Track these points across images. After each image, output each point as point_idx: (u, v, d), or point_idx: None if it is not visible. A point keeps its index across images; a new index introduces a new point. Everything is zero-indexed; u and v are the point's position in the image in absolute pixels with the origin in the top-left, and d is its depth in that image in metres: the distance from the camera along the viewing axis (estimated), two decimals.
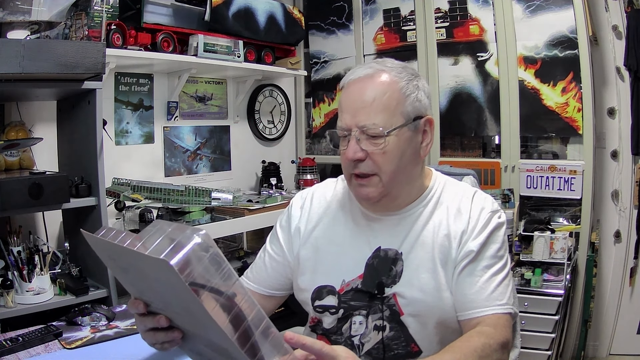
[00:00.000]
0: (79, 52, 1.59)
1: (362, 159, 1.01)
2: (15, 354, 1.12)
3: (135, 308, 0.85)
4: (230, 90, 2.86)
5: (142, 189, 2.08)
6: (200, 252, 0.68)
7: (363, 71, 1.04)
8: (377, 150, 1.00)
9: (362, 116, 1.00)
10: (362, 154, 1.01)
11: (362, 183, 1.03)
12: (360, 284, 1.07)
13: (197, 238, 0.68)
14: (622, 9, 2.52)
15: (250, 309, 0.72)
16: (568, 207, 2.58)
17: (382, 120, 1.00)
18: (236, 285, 0.71)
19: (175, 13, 2.28)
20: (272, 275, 1.19)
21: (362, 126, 1.00)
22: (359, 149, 1.01)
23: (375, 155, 1.01)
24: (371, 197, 1.04)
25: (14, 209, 1.58)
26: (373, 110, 1.00)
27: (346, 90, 1.05)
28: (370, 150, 1.00)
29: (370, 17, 3.00)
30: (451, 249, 1.03)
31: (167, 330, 0.84)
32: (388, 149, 1.00)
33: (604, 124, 2.62)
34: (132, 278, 0.84)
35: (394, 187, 1.04)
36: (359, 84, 1.03)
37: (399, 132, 1.01)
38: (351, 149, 1.01)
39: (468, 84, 2.71)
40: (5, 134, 1.88)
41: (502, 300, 0.99)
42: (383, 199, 1.05)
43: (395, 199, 1.07)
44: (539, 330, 2.18)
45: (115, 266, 0.90)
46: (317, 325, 1.14)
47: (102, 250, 0.87)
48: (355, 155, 1.01)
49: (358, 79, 1.04)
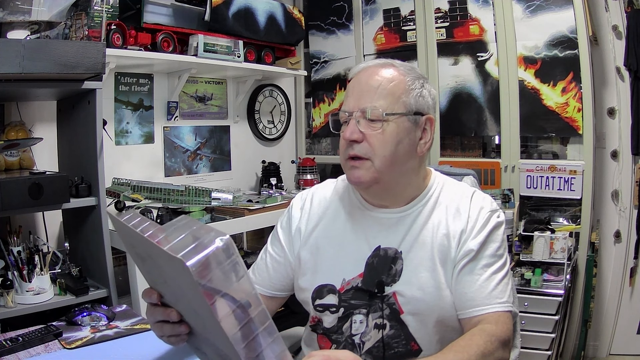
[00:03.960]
0: (79, 52, 1.59)
1: (359, 141, 1.03)
2: (15, 354, 1.12)
3: (149, 298, 0.86)
4: (230, 90, 2.86)
5: (142, 189, 2.08)
6: (221, 257, 0.67)
7: (372, 62, 1.09)
8: (374, 133, 1.02)
9: (365, 99, 1.03)
10: (359, 135, 1.02)
11: (355, 165, 1.04)
12: (361, 282, 1.07)
13: (220, 242, 0.68)
14: (622, 9, 2.51)
15: (262, 321, 0.70)
16: (568, 207, 2.58)
17: (383, 104, 1.02)
18: (253, 295, 0.70)
19: (175, 13, 2.28)
20: (274, 276, 1.19)
21: (364, 108, 1.02)
22: (357, 130, 1.03)
23: (371, 138, 1.02)
24: (363, 180, 1.04)
25: (14, 209, 1.58)
26: (377, 95, 1.03)
27: (354, 78, 1.08)
28: (368, 133, 1.02)
29: (370, 17, 3.00)
30: (450, 248, 1.04)
31: (175, 324, 0.85)
32: (385, 133, 1.02)
33: (604, 124, 2.62)
34: (149, 268, 0.84)
35: (386, 175, 1.04)
36: (367, 71, 1.07)
37: (398, 120, 1.03)
38: (349, 130, 1.03)
39: (468, 84, 2.71)
40: (5, 134, 1.88)
41: (502, 298, 1.00)
42: (375, 186, 1.06)
43: (387, 190, 1.07)
44: (539, 330, 2.17)
45: (134, 253, 0.90)
46: (317, 325, 1.14)
47: (124, 236, 0.87)
48: (352, 135, 1.02)
49: (367, 67, 1.08)
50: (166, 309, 0.85)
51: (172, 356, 1.06)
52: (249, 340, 0.70)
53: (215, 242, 0.67)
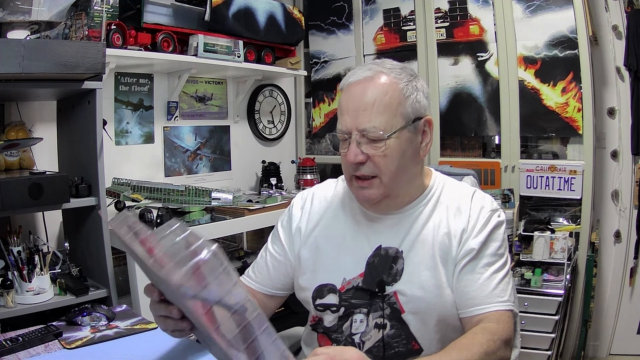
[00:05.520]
0: (79, 52, 1.59)
1: (363, 162, 1.01)
2: (15, 354, 1.12)
3: (150, 294, 0.86)
4: (230, 90, 2.86)
5: (142, 189, 2.08)
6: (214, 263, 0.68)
7: (362, 73, 1.04)
8: (378, 153, 1.00)
9: (362, 119, 1.00)
10: (363, 157, 1.01)
11: (363, 185, 1.04)
12: (361, 282, 1.07)
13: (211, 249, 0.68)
14: (622, 9, 2.51)
15: (260, 325, 0.71)
16: (568, 207, 2.58)
17: (382, 122, 1.00)
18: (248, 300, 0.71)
19: (175, 13, 2.28)
20: (274, 275, 1.19)
21: (363, 129, 1.00)
22: (360, 152, 1.01)
23: (376, 158, 1.01)
24: (372, 198, 1.04)
25: (14, 209, 1.58)
26: (374, 113, 1.00)
27: (346, 93, 1.05)
28: (371, 153, 1.01)
29: (370, 17, 3.00)
30: (451, 247, 1.04)
31: (178, 320, 0.85)
32: (389, 151, 1.01)
33: (604, 124, 2.61)
34: (146, 270, 0.84)
35: (395, 188, 1.05)
36: (359, 85, 1.03)
37: (400, 134, 1.01)
38: (352, 153, 1.01)
39: (468, 84, 2.71)
40: (5, 134, 1.88)
41: (503, 297, 1.00)
42: (384, 200, 1.06)
43: (396, 199, 1.08)
44: (539, 330, 2.17)
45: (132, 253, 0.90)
46: (317, 324, 1.14)
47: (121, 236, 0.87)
48: (356, 158, 1.01)
49: (357, 81, 1.04)
50: (168, 305, 0.85)
51: (172, 356, 1.06)
52: (249, 343, 0.70)
53: (209, 250, 0.68)
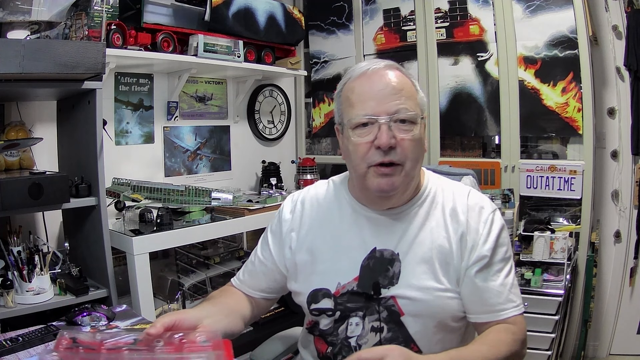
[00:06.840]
0: (79, 52, 1.59)
1: (394, 147, 0.98)
2: (15, 354, 1.12)
3: None
4: (230, 90, 2.86)
5: (142, 189, 2.08)
6: None
7: (375, 64, 1.03)
8: (409, 137, 0.99)
9: (392, 102, 0.99)
10: (395, 140, 0.98)
11: (388, 172, 0.99)
12: (356, 286, 1.06)
13: None
14: (622, 9, 2.51)
15: None
16: (568, 207, 2.58)
17: (412, 106, 1.00)
18: None
19: (175, 13, 2.28)
20: (263, 279, 1.19)
21: (395, 111, 0.98)
22: (392, 135, 0.98)
23: (405, 143, 0.99)
24: (395, 187, 1.01)
25: (14, 209, 1.58)
26: (404, 97, 1.00)
27: (363, 81, 1.02)
28: (400, 137, 0.98)
29: (370, 17, 3.00)
30: (452, 251, 1.03)
31: None
32: (417, 137, 1.00)
33: (604, 124, 2.61)
34: None
35: (410, 180, 1.04)
36: (377, 73, 1.02)
37: (422, 122, 1.03)
38: (384, 135, 0.97)
39: (468, 84, 2.71)
40: (5, 134, 1.88)
41: (516, 301, 1.02)
42: (398, 191, 1.03)
43: (402, 193, 1.06)
44: (539, 330, 2.17)
45: None
46: (313, 327, 1.14)
47: None
48: (390, 141, 0.97)
49: (374, 70, 1.02)
50: None
51: None
52: None
53: None
